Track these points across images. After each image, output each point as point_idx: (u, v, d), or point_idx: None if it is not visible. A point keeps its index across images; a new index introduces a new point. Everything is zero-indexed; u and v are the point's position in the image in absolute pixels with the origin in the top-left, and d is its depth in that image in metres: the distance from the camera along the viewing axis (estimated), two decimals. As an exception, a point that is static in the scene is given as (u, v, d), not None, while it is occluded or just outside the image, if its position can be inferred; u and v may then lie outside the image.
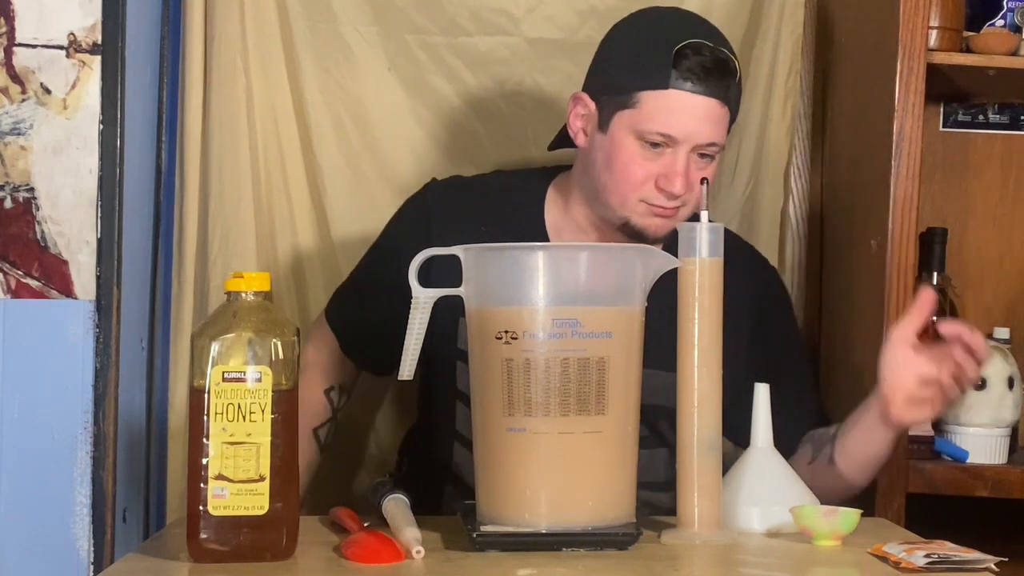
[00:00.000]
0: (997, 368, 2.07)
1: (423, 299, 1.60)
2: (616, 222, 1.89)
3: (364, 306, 2.06)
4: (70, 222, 1.92)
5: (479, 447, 1.57)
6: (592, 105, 1.90)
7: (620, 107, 1.84)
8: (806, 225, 2.42)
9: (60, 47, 1.92)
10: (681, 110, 1.81)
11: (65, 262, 1.92)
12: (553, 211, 2.00)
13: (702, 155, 1.84)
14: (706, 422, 1.61)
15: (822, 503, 1.68)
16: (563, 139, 2.01)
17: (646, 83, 1.82)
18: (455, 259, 1.58)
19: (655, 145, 1.82)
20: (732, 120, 1.89)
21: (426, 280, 1.60)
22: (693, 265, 1.61)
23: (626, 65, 1.86)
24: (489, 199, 2.02)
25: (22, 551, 1.90)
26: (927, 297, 1.75)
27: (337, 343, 2.09)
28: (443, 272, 1.60)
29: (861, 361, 2.11)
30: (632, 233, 1.88)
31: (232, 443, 1.44)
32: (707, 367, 1.61)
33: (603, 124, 1.87)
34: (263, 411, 1.45)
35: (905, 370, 1.75)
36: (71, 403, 1.91)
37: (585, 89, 1.94)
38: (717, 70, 1.82)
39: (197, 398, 1.45)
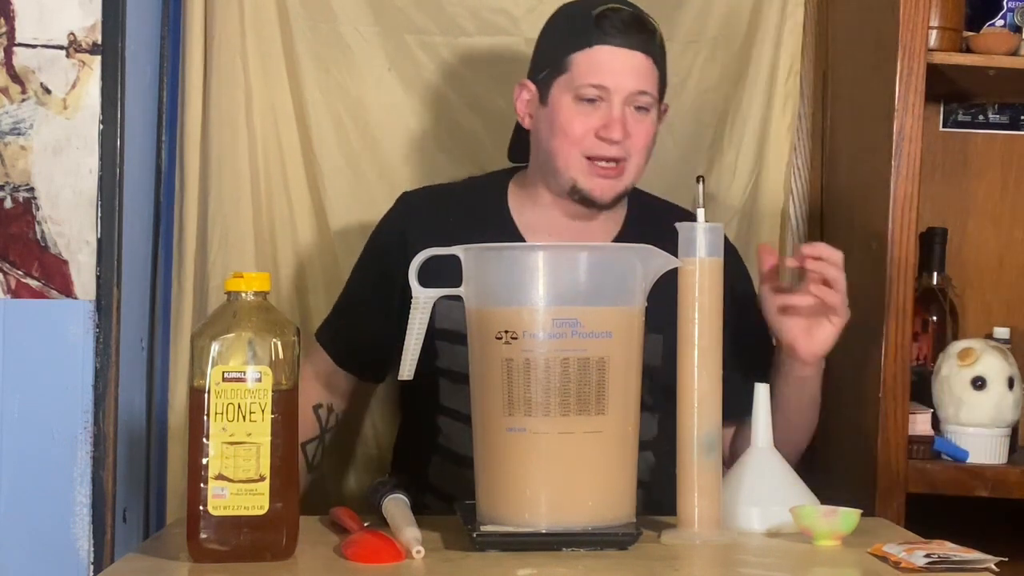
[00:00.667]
0: (997, 368, 2.06)
1: (423, 299, 1.60)
2: (565, 186, 1.97)
3: (351, 320, 2.10)
4: (70, 222, 1.92)
5: (479, 447, 1.57)
6: (533, 87, 2.01)
7: (556, 75, 1.96)
8: (806, 225, 2.43)
9: (60, 47, 1.92)
10: (609, 62, 1.93)
11: (65, 262, 1.92)
12: (516, 200, 2.06)
13: (637, 108, 1.95)
14: (706, 422, 1.61)
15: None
16: (517, 146, 2.10)
17: (575, 46, 1.95)
18: (441, 259, 1.59)
19: (591, 101, 1.93)
20: (662, 80, 1.99)
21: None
22: (693, 265, 1.61)
23: (557, 38, 2.00)
24: (456, 202, 2.08)
25: (22, 551, 1.90)
26: (765, 249, 1.94)
27: (330, 360, 2.10)
28: (435, 272, 1.61)
29: (861, 361, 2.11)
30: (581, 198, 1.97)
31: (232, 443, 1.44)
32: (707, 367, 1.61)
33: (544, 97, 1.98)
34: (263, 411, 1.45)
35: (784, 311, 1.88)
36: (71, 403, 1.91)
37: (528, 77, 2.03)
38: (636, 25, 1.95)
39: (197, 398, 1.45)
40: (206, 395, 1.44)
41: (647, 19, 1.98)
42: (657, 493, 1.88)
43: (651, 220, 2.06)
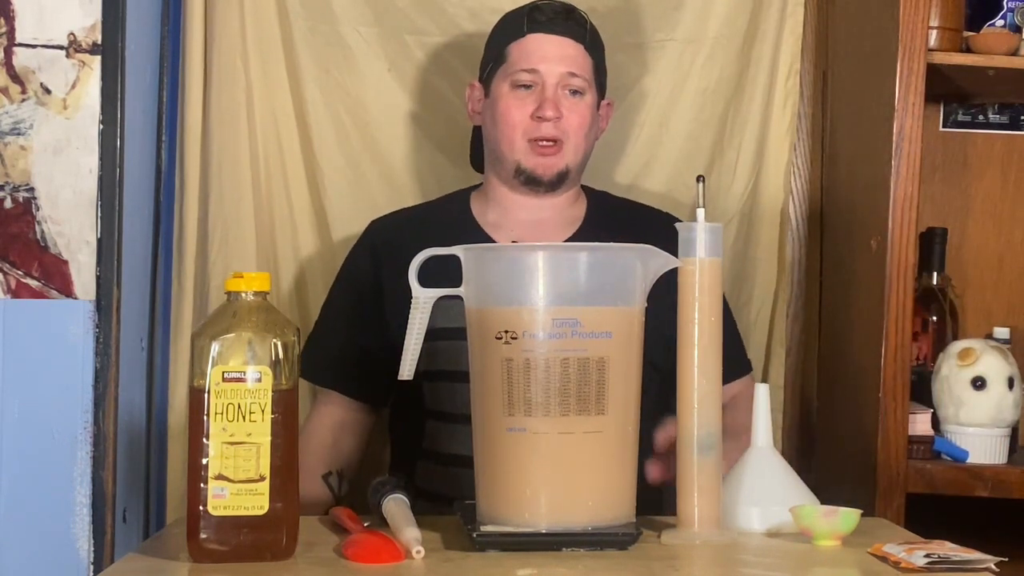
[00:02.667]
0: (997, 368, 2.06)
1: (423, 299, 1.60)
2: (511, 169, 2.08)
3: (337, 340, 2.15)
4: (70, 222, 1.92)
5: (479, 447, 1.57)
6: (480, 86, 2.15)
7: (496, 67, 2.10)
8: (806, 225, 2.43)
9: (60, 47, 1.92)
10: (540, 48, 2.07)
11: (65, 262, 1.92)
12: (478, 204, 2.15)
13: (571, 91, 2.07)
14: (706, 422, 1.61)
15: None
16: (476, 153, 2.19)
17: (510, 38, 2.10)
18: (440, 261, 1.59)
19: (526, 87, 2.07)
20: (598, 69, 2.11)
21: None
22: (693, 265, 1.61)
23: (497, 35, 2.14)
24: (422, 220, 2.15)
25: (22, 551, 1.90)
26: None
27: (334, 395, 2.15)
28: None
29: (861, 361, 2.11)
30: (526, 179, 2.07)
31: (232, 443, 1.44)
32: (707, 367, 1.61)
33: (488, 91, 2.12)
34: (263, 411, 1.44)
35: None
36: (71, 403, 1.91)
37: (477, 78, 2.16)
38: (563, 14, 2.10)
39: (197, 398, 1.45)
40: (206, 395, 1.44)
41: (578, 11, 2.11)
42: None
43: (611, 216, 2.12)
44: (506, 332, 1.52)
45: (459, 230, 2.01)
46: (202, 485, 1.44)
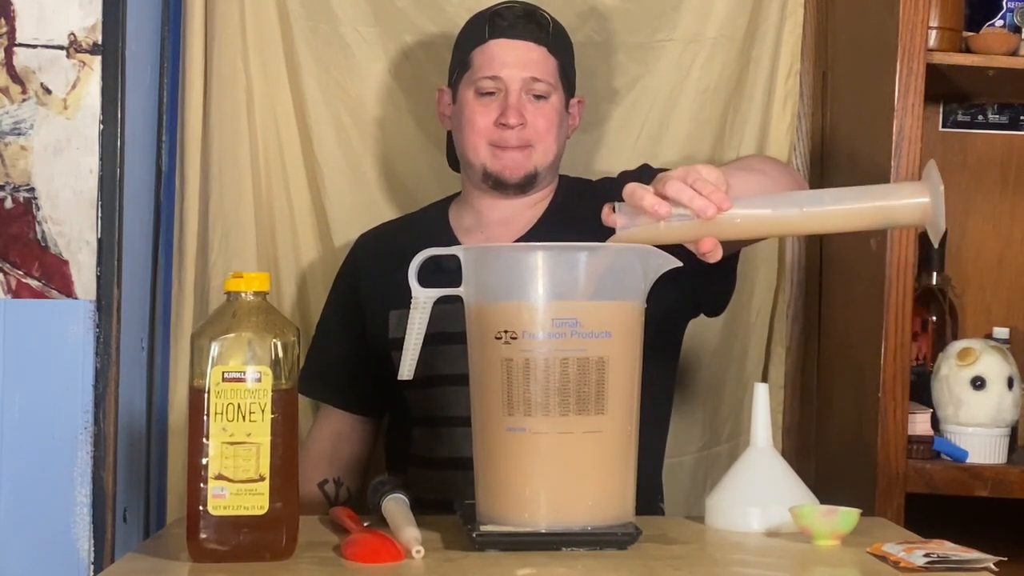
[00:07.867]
0: (997, 368, 2.07)
1: (423, 299, 1.60)
2: (479, 173, 2.07)
3: (329, 354, 2.18)
4: (70, 222, 1.92)
5: (478, 447, 1.57)
6: (448, 91, 2.14)
7: (462, 72, 2.09)
8: (806, 225, 2.42)
9: (60, 47, 1.92)
10: (502, 54, 2.06)
11: (65, 262, 1.92)
12: (455, 211, 2.15)
13: (536, 96, 2.05)
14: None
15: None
16: (452, 154, 2.18)
17: (473, 44, 2.08)
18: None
19: (490, 94, 2.05)
20: (563, 69, 2.09)
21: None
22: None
23: (462, 40, 2.13)
24: (404, 230, 2.17)
25: (22, 551, 1.90)
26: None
27: (331, 409, 2.18)
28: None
29: (861, 361, 2.11)
30: (494, 182, 2.06)
31: (232, 443, 1.44)
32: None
33: (455, 97, 2.12)
34: (263, 411, 1.45)
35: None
36: (71, 403, 1.91)
37: (447, 83, 2.16)
38: (525, 17, 2.08)
39: (197, 398, 1.45)
40: (206, 395, 1.44)
41: (540, 13, 2.09)
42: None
43: (573, 202, 2.12)
44: (505, 332, 1.52)
45: (433, 238, 1.98)
46: (202, 485, 1.44)
